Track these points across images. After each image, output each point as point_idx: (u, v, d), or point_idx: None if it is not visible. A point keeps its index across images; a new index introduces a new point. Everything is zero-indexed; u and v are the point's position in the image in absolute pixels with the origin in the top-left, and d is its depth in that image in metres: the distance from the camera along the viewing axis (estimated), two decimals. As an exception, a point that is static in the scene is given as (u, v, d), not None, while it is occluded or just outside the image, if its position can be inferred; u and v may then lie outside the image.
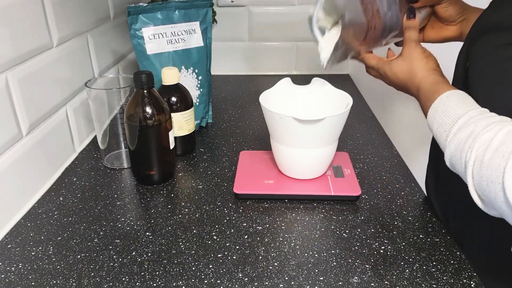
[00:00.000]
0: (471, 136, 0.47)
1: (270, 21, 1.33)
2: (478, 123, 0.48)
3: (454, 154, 0.50)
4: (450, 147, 0.51)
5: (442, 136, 0.53)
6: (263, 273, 0.56)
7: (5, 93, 0.65)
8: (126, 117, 0.72)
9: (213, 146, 0.91)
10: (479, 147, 0.46)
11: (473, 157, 0.46)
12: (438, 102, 0.54)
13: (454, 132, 0.50)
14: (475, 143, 0.46)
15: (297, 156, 0.71)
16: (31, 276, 0.56)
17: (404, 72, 0.63)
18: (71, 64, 0.86)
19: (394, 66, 0.65)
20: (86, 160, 0.85)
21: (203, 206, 0.70)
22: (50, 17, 0.77)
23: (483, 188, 0.45)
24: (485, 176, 0.45)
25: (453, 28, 0.72)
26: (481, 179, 0.45)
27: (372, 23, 0.65)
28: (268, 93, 0.75)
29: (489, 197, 0.45)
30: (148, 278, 0.55)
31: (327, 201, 0.71)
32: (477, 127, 0.48)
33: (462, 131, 0.49)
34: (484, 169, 0.45)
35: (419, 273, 0.56)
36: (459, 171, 0.50)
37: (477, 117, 0.49)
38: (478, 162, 0.46)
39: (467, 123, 0.49)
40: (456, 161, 0.50)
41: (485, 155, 0.45)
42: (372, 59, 0.69)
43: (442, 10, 0.71)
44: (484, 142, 0.46)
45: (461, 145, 0.49)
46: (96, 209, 0.69)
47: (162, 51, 0.88)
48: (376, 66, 0.68)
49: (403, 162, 0.83)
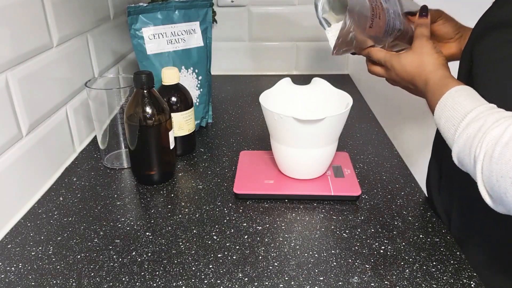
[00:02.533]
0: (481, 131, 0.47)
1: (270, 21, 1.33)
2: (487, 118, 0.48)
3: (462, 149, 0.50)
4: (459, 142, 0.50)
5: (450, 130, 0.52)
6: (263, 273, 0.56)
7: (5, 93, 0.65)
8: (126, 117, 0.72)
9: (213, 146, 0.91)
10: (489, 142, 0.46)
11: (483, 151, 0.46)
12: (447, 97, 0.54)
13: (463, 127, 0.50)
14: (485, 138, 0.46)
15: (297, 156, 0.71)
16: (31, 276, 0.56)
17: (413, 64, 0.63)
18: (71, 64, 0.86)
19: (403, 59, 0.64)
20: (86, 160, 0.85)
21: (203, 206, 0.70)
22: (50, 17, 0.77)
23: (492, 183, 0.45)
24: (495, 171, 0.44)
25: (453, 45, 0.73)
26: (491, 174, 0.45)
27: (376, 11, 0.66)
28: (268, 93, 0.75)
29: (498, 192, 0.45)
30: (148, 278, 0.55)
31: (327, 201, 0.71)
32: (486, 122, 0.47)
33: (471, 126, 0.49)
34: (494, 163, 0.44)
35: (419, 273, 0.56)
36: (468, 166, 0.50)
37: (487, 112, 0.49)
38: (488, 156, 0.45)
39: (477, 118, 0.49)
40: (464, 156, 0.50)
41: (495, 149, 0.44)
42: (379, 52, 0.68)
43: (439, 28, 0.72)
44: (494, 137, 0.45)
45: (470, 140, 0.48)
46: (96, 209, 0.69)
47: (162, 51, 0.88)
48: (384, 59, 0.67)
49: (403, 162, 0.83)
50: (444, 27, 0.72)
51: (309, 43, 1.35)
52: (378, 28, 0.67)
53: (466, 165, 0.50)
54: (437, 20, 0.72)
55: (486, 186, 0.47)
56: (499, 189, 0.44)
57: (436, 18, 0.72)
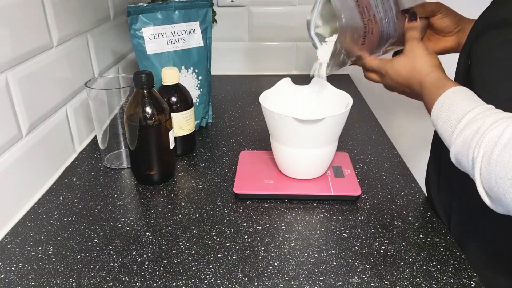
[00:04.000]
0: (479, 132, 0.47)
1: (270, 21, 1.33)
2: (485, 119, 0.47)
3: (460, 151, 0.49)
4: (457, 144, 0.50)
5: (448, 132, 0.52)
6: (263, 273, 0.56)
7: (5, 93, 0.65)
8: (126, 117, 0.72)
9: (213, 146, 0.91)
10: (487, 143, 0.45)
11: (481, 153, 0.46)
12: (444, 98, 0.54)
13: (461, 129, 0.50)
14: (483, 139, 0.46)
15: (297, 156, 0.71)
16: (31, 276, 0.56)
17: (407, 68, 0.63)
18: (71, 64, 0.86)
19: (396, 63, 0.64)
20: (86, 160, 0.85)
21: (203, 206, 0.70)
22: (50, 17, 0.77)
23: (491, 184, 0.45)
24: (494, 173, 0.44)
25: (451, 38, 0.72)
26: (490, 176, 0.45)
27: (369, 27, 0.65)
28: (268, 93, 0.75)
29: (497, 193, 0.45)
30: (148, 278, 0.55)
31: (327, 201, 0.71)
32: (484, 123, 0.47)
33: (469, 127, 0.49)
34: (493, 165, 0.44)
35: (419, 273, 0.56)
36: (466, 167, 0.50)
37: (484, 113, 0.48)
38: (487, 158, 0.45)
39: (474, 119, 0.49)
40: (462, 158, 0.49)
41: (493, 151, 0.44)
42: (373, 60, 0.69)
43: (438, 22, 0.72)
44: (492, 138, 0.45)
45: (468, 141, 0.48)
46: (96, 209, 0.69)
47: (162, 51, 0.88)
48: (377, 67, 0.68)
49: (403, 162, 0.83)
50: (443, 21, 0.71)
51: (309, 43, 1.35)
52: (371, 43, 0.68)
53: (464, 166, 0.50)
54: (436, 14, 0.71)
55: (485, 187, 0.47)
56: (498, 190, 0.44)
57: (435, 11, 0.71)
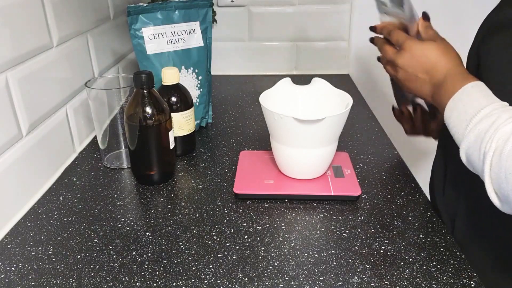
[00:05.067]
0: (493, 127, 0.47)
1: (270, 21, 1.33)
2: (501, 114, 0.48)
3: (472, 145, 0.49)
4: (469, 137, 0.50)
5: (462, 125, 0.52)
6: (263, 273, 0.56)
7: (5, 93, 0.65)
8: (126, 117, 0.72)
9: (213, 146, 0.91)
10: (499, 138, 0.46)
11: (493, 147, 0.46)
12: (462, 91, 0.54)
13: (476, 122, 0.50)
14: (496, 134, 0.46)
15: (297, 156, 0.71)
16: (31, 276, 0.56)
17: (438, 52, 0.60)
18: (71, 64, 0.86)
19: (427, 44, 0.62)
20: (86, 160, 0.85)
21: (203, 206, 0.70)
22: (50, 17, 0.77)
23: (500, 179, 0.45)
24: (504, 167, 0.44)
25: None
26: (500, 170, 0.45)
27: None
28: (268, 93, 0.75)
29: (506, 189, 0.45)
30: (148, 278, 0.55)
31: (327, 201, 0.71)
32: (499, 119, 0.47)
33: (484, 121, 0.49)
34: (504, 160, 0.44)
35: (419, 273, 0.56)
36: (476, 163, 0.50)
37: (500, 109, 0.49)
38: (498, 152, 0.45)
39: (490, 114, 0.49)
40: (473, 152, 0.49)
41: (505, 145, 0.44)
42: (401, 33, 0.66)
43: None
44: (505, 133, 0.45)
45: (482, 135, 0.48)
46: (96, 209, 0.69)
47: (162, 51, 0.88)
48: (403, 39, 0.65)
49: (403, 162, 0.83)
50: None
51: (309, 43, 1.35)
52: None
53: (474, 162, 0.50)
54: None
55: (493, 184, 0.47)
56: (507, 185, 0.44)
57: None
